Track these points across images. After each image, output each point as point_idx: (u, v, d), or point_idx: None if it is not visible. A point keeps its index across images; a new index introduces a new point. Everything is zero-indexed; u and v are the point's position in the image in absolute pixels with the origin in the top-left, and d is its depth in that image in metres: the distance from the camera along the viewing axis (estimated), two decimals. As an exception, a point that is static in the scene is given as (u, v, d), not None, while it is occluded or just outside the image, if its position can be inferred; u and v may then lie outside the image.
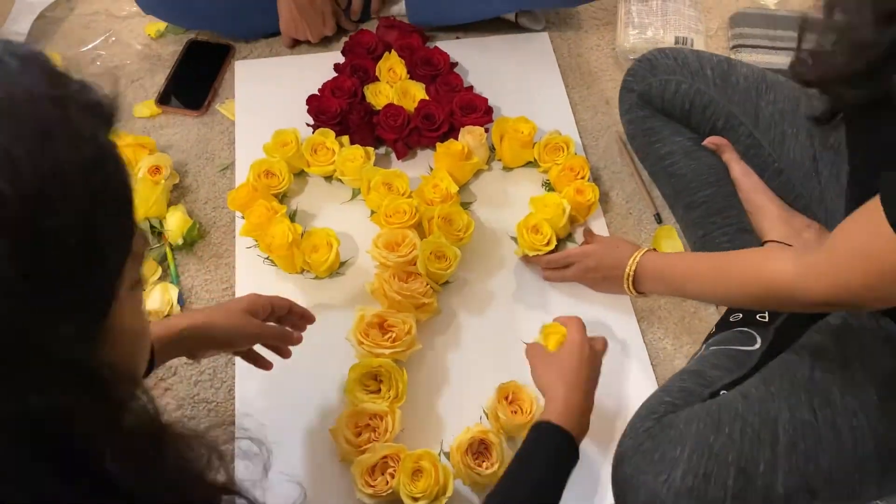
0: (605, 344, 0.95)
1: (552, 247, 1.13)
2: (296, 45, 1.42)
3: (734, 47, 1.40)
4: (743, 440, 0.80)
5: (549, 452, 0.82)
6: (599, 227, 1.20)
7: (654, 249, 1.05)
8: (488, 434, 0.94)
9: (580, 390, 0.87)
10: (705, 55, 1.14)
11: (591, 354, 0.91)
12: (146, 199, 1.15)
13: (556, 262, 1.12)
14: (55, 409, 0.44)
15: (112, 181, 0.49)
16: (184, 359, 1.06)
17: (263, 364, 0.96)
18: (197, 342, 0.85)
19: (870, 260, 0.70)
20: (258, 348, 0.96)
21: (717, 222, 1.10)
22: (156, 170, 1.21)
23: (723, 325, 1.02)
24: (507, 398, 0.98)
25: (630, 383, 1.05)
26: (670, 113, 1.13)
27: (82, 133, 0.47)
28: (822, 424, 0.81)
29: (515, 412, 0.96)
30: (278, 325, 0.94)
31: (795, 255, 0.81)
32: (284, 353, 0.96)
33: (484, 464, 0.93)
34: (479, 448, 0.94)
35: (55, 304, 0.44)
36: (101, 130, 0.49)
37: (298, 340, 0.95)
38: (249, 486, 0.61)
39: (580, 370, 0.88)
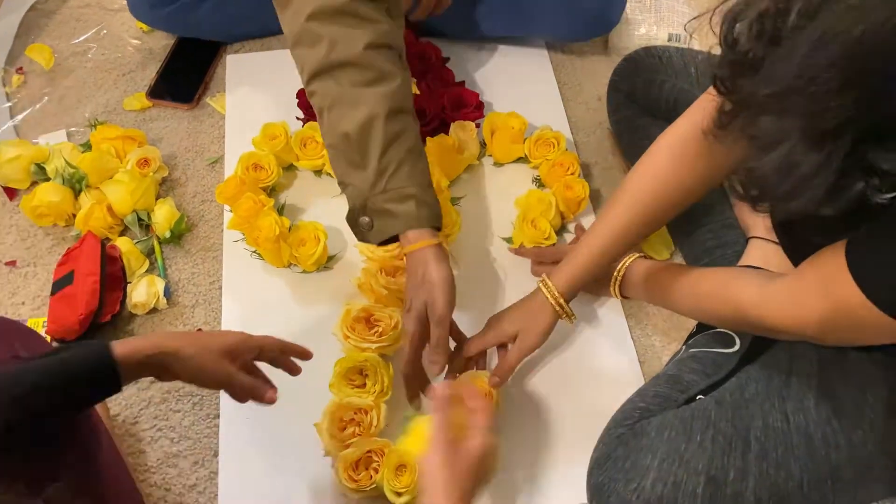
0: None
1: (553, 241, 1.12)
2: None
3: (714, 46, 1.39)
4: (714, 448, 0.80)
5: None
6: (589, 223, 1.18)
7: (645, 255, 1.05)
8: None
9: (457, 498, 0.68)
10: (690, 53, 1.13)
11: (491, 459, 0.73)
12: (134, 191, 1.14)
13: (548, 256, 1.11)
14: None
15: None
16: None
17: (260, 395, 0.82)
18: (161, 369, 0.74)
19: (830, 306, 0.69)
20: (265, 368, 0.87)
21: (701, 221, 1.09)
22: (144, 162, 1.20)
23: (704, 325, 1.01)
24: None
25: (617, 381, 1.04)
26: (656, 111, 1.13)
27: None
28: (794, 431, 0.81)
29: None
30: (251, 379, 0.81)
31: (761, 281, 0.80)
32: (263, 400, 0.82)
33: None
34: None
35: None
36: None
37: (271, 401, 0.82)
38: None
39: (473, 487, 0.70)
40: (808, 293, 0.71)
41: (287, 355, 0.88)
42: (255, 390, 0.81)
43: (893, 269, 0.63)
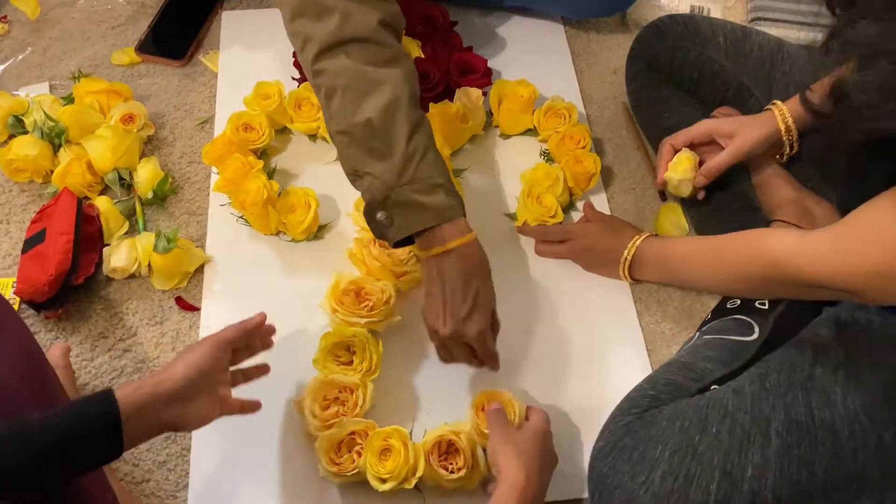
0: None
1: (559, 219, 1.05)
2: None
3: (753, 20, 1.32)
4: (731, 441, 0.73)
5: None
6: (600, 202, 1.12)
7: (656, 235, 0.98)
8: (460, 437, 0.85)
9: (539, 483, 0.76)
10: (718, 22, 1.07)
11: (551, 445, 0.82)
12: (116, 147, 1.07)
13: (553, 235, 1.04)
14: None
15: None
16: (145, 319, 1.00)
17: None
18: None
19: (885, 250, 0.65)
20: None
21: (722, 202, 1.03)
22: (129, 118, 1.13)
23: (719, 311, 0.95)
24: (483, 409, 0.88)
25: (622, 369, 0.97)
26: (678, 82, 1.07)
27: None
28: (819, 427, 0.74)
29: (449, 469, 0.85)
30: (238, 401, 0.79)
31: (800, 232, 0.76)
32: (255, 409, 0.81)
33: (450, 467, 0.85)
34: (447, 449, 0.86)
35: None
36: None
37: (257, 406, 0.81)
38: None
39: (543, 457, 0.79)
40: (857, 240, 0.67)
41: (254, 337, 0.82)
42: (244, 409, 0.80)
43: None
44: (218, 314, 1.00)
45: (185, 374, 0.70)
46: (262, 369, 0.84)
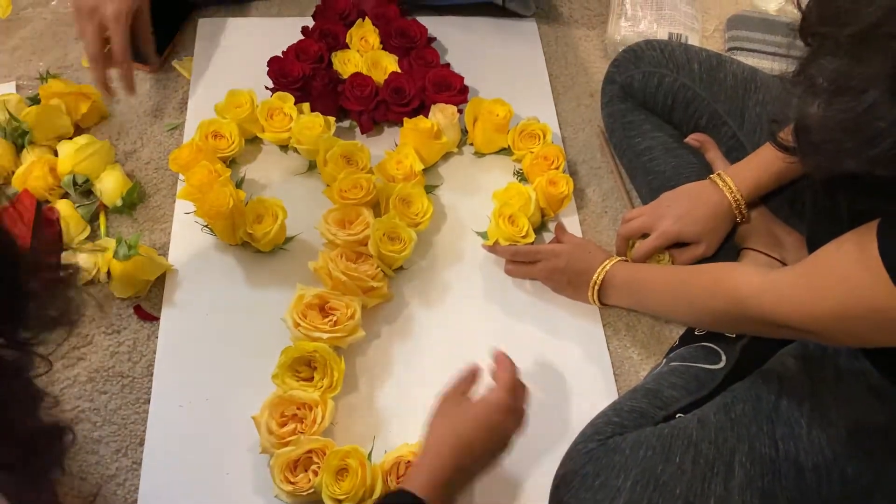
0: (523, 413, 0.78)
1: (531, 239, 1.04)
2: None
3: (730, 49, 1.33)
4: (694, 472, 0.72)
5: None
6: (572, 224, 1.11)
7: (626, 260, 0.97)
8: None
9: (462, 466, 0.70)
10: (694, 49, 1.07)
11: (503, 424, 0.74)
12: (81, 149, 1.05)
13: (523, 256, 1.03)
14: None
15: None
16: (101, 327, 0.97)
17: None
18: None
19: (848, 292, 0.63)
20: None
21: None
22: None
23: (687, 337, 0.94)
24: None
25: (588, 394, 0.95)
26: (652, 107, 1.07)
27: None
28: (783, 460, 0.73)
29: None
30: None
31: (765, 270, 0.75)
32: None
33: None
34: (405, 471, 0.84)
35: None
36: None
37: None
38: None
39: (478, 440, 0.71)
40: (819, 282, 0.65)
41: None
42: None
43: None
44: (177, 324, 0.97)
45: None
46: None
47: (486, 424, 0.72)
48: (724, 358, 0.84)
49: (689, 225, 0.93)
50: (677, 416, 0.78)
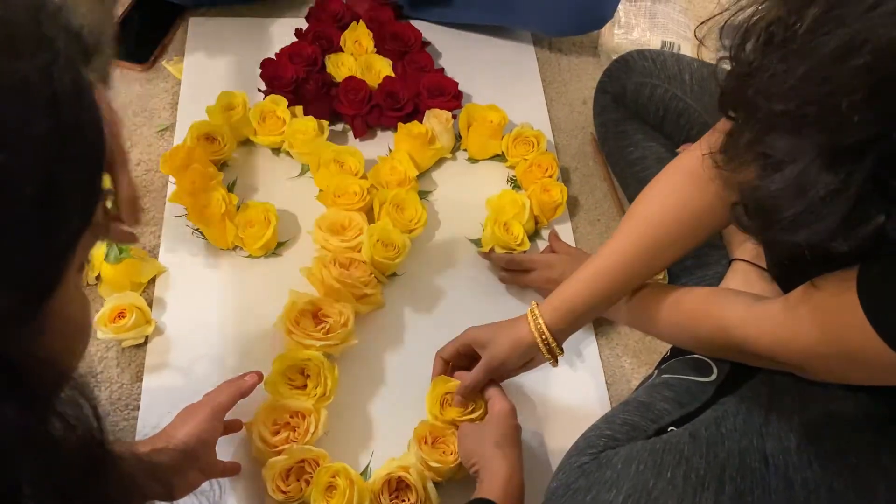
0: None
1: (526, 247, 1.04)
2: None
3: (721, 59, 1.33)
4: (685, 486, 0.72)
5: None
6: (565, 232, 1.11)
7: None
8: (409, 472, 0.83)
9: (519, 465, 0.79)
10: (686, 60, 1.07)
11: (517, 425, 0.84)
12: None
13: (518, 265, 1.03)
14: None
15: (86, 125, 0.38)
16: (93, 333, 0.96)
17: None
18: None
19: (827, 333, 0.63)
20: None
21: None
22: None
23: (679, 349, 0.94)
24: (426, 441, 0.86)
25: (580, 403, 0.96)
26: (644, 117, 1.07)
27: (57, 55, 0.36)
28: (773, 474, 0.73)
29: (445, 453, 0.85)
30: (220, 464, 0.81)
31: (750, 300, 0.74)
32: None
33: (405, 503, 0.83)
34: (397, 486, 0.84)
35: None
36: (80, 60, 0.38)
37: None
38: None
39: (516, 442, 0.81)
40: (803, 317, 0.65)
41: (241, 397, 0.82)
42: (225, 472, 0.82)
43: None
44: (166, 330, 0.96)
45: (185, 442, 0.69)
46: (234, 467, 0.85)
47: (513, 425, 0.83)
48: (715, 370, 0.84)
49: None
50: (669, 429, 0.78)
